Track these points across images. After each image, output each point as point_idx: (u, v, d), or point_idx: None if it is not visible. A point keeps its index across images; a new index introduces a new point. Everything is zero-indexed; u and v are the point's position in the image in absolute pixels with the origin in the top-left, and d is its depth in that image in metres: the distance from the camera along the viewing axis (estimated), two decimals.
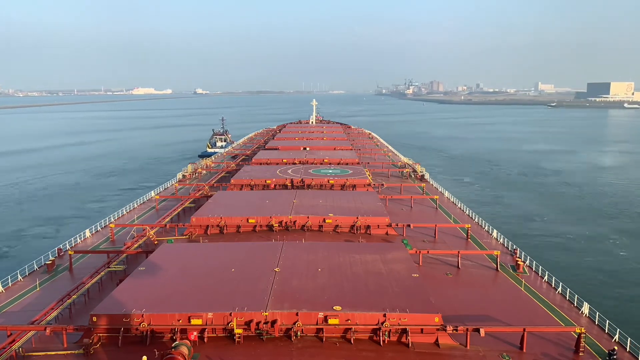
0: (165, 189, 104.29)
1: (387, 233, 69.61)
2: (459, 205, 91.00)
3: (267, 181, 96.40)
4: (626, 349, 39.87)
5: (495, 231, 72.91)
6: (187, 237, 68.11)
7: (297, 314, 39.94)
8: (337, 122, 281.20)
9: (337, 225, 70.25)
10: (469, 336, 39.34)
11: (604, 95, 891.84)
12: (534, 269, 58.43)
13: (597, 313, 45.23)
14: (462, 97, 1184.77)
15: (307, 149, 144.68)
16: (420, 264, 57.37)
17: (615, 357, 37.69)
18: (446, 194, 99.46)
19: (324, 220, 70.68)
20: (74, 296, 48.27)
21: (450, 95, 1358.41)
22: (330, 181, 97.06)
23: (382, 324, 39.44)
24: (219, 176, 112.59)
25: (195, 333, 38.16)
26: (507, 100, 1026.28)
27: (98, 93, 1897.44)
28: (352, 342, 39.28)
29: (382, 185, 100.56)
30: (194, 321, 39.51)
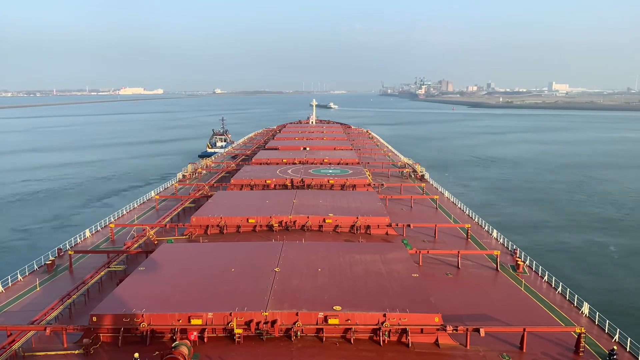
0: (165, 189, 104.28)
1: (387, 233, 69.61)
2: (459, 205, 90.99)
3: (267, 181, 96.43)
4: (626, 349, 39.87)
5: (495, 231, 72.88)
6: (187, 237, 68.11)
7: (297, 314, 39.95)
8: (337, 122, 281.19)
9: (337, 225, 70.25)
10: (469, 336, 39.35)
11: None
12: (534, 269, 58.43)
13: (597, 313, 45.23)
14: (501, 99, 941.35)
15: (307, 149, 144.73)
16: (420, 264, 57.37)
17: (615, 357, 37.67)
18: (446, 194, 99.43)
19: (324, 220, 70.67)
20: (74, 296, 48.30)
21: (468, 96, 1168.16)
22: (330, 181, 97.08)
23: (382, 324, 39.45)
24: (219, 176, 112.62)
25: (195, 333, 38.24)
26: (560, 104, 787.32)
27: (81, 93, 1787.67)
28: (352, 342, 39.29)
29: (382, 185, 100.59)
30: (194, 321, 39.52)
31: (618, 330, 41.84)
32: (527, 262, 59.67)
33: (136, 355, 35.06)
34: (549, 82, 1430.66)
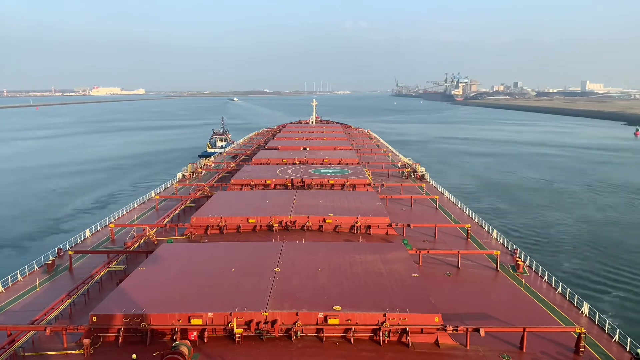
0: (165, 189, 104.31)
1: (387, 233, 69.61)
2: (459, 205, 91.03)
3: (267, 181, 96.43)
4: (626, 349, 39.90)
5: (495, 231, 72.92)
6: (187, 237, 68.11)
7: (297, 314, 39.95)
8: (337, 122, 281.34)
9: (337, 225, 70.24)
10: (469, 336, 39.35)
11: None
12: (534, 269, 58.45)
13: (597, 313, 45.27)
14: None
15: (307, 149, 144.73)
16: (420, 264, 57.38)
17: None
18: (446, 194, 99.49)
19: (324, 220, 70.67)
20: (74, 296, 48.34)
21: (518, 98, 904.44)
22: (330, 181, 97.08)
23: (382, 324, 39.45)
24: (219, 176, 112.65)
25: (195, 333, 38.26)
26: None
27: (42, 94, 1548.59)
28: (352, 342, 39.28)
29: (382, 185, 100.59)
30: (194, 321, 39.53)
31: (618, 330, 41.85)
32: (527, 262, 59.70)
33: (134, 356, 35.05)
34: (581, 81, 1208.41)
